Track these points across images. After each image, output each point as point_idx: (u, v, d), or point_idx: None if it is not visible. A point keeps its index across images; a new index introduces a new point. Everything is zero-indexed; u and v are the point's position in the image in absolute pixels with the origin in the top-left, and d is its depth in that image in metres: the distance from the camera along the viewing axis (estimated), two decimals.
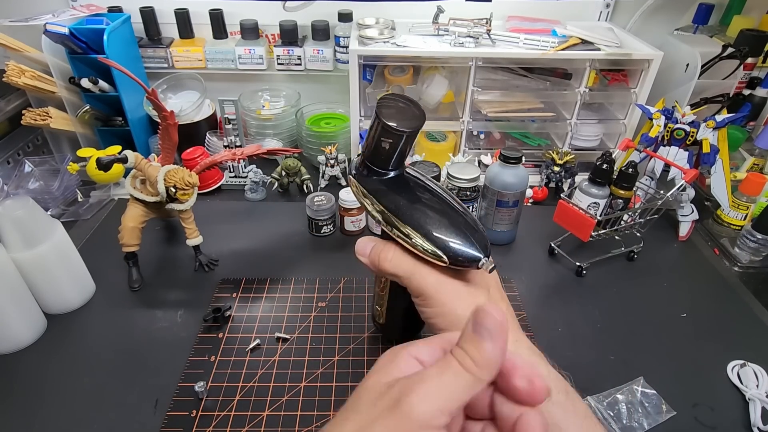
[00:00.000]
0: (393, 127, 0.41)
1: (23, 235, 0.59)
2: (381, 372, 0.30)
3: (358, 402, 0.29)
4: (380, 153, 0.44)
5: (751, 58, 0.91)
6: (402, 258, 0.45)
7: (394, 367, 0.29)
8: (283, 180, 0.91)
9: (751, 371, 0.58)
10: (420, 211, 0.45)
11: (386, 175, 0.46)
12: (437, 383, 0.27)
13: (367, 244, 0.47)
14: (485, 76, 0.90)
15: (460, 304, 0.42)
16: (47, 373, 0.58)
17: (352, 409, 0.28)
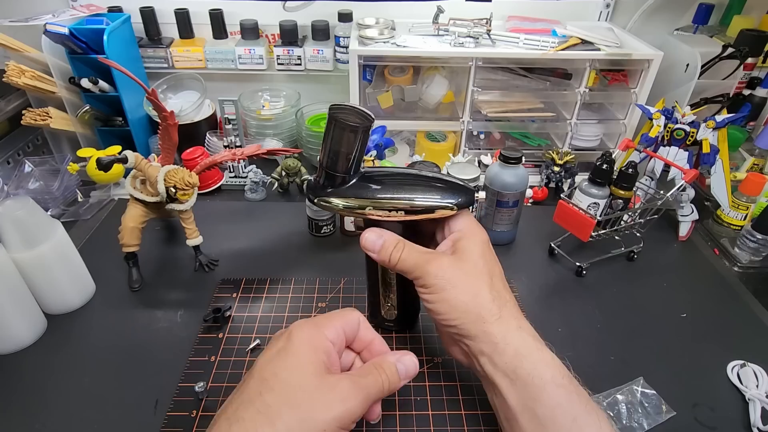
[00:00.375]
0: (349, 124, 0.46)
1: (23, 235, 0.59)
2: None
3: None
4: (340, 156, 0.48)
5: (751, 58, 0.91)
6: (411, 253, 0.49)
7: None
8: (283, 180, 0.91)
9: (751, 371, 0.58)
10: (406, 183, 0.51)
11: (350, 180, 0.50)
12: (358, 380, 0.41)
13: (376, 241, 0.50)
14: (485, 76, 0.90)
15: (463, 292, 0.46)
16: (47, 374, 0.58)
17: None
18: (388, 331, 0.63)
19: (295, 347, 0.39)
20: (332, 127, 0.47)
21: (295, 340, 0.40)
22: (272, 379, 0.37)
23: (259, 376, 0.38)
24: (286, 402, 0.36)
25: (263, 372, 0.38)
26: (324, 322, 0.44)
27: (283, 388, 0.36)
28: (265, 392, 0.36)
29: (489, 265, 0.48)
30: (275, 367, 0.38)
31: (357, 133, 0.47)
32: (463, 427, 0.52)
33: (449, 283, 0.46)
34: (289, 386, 0.37)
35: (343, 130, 0.47)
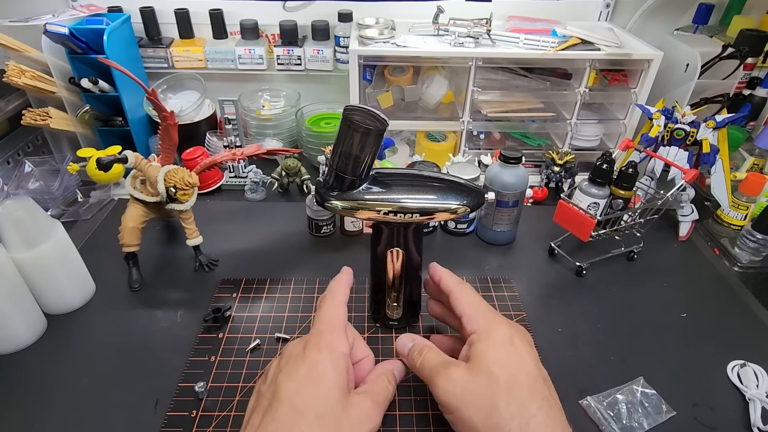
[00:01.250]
0: (363, 126, 0.45)
1: (23, 235, 0.59)
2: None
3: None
4: (351, 159, 0.48)
5: (751, 58, 0.91)
6: (428, 360, 0.47)
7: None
8: (283, 180, 0.91)
9: (751, 371, 0.58)
10: (415, 185, 0.51)
11: (360, 184, 0.50)
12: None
13: (407, 344, 0.51)
14: (485, 76, 0.90)
15: (475, 412, 0.42)
16: (47, 374, 0.58)
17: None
18: (391, 329, 0.63)
19: (320, 374, 0.42)
20: (345, 129, 0.46)
21: (319, 367, 0.42)
22: (305, 410, 0.39)
23: (290, 404, 0.40)
24: (319, 429, 0.39)
25: (294, 400, 0.40)
26: (334, 337, 0.45)
27: (315, 418, 0.39)
28: (301, 422, 0.39)
29: (508, 370, 0.43)
30: (305, 395, 0.40)
31: (370, 135, 0.46)
32: None
33: (462, 402, 0.42)
34: (320, 416, 0.39)
35: (356, 132, 0.46)
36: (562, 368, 0.59)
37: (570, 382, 0.57)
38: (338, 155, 0.48)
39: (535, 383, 0.43)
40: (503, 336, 0.45)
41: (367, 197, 0.50)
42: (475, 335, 0.46)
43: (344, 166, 0.48)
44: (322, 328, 0.46)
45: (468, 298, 0.50)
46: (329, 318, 0.47)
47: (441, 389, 0.43)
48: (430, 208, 0.50)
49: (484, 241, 0.81)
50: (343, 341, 0.45)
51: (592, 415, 0.53)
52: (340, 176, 0.49)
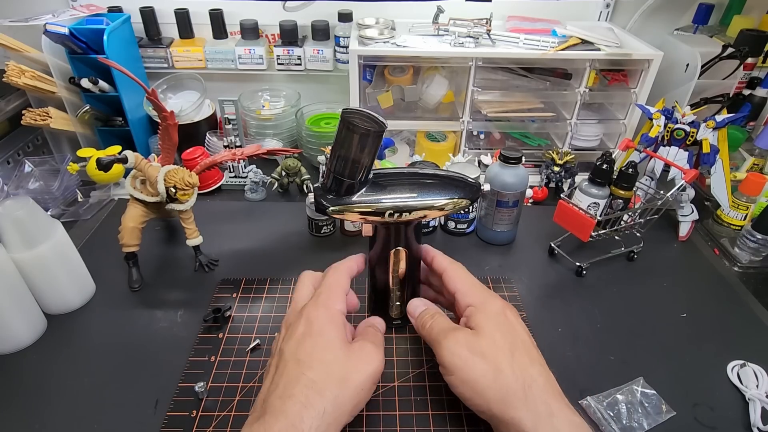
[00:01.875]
0: (361, 127, 0.45)
1: (23, 235, 0.59)
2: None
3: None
4: (348, 162, 0.47)
5: (751, 58, 0.91)
6: (436, 323, 0.49)
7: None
8: (283, 180, 0.91)
9: (751, 371, 0.58)
10: (412, 184, 0.51)
11: (359, 188, 0.50)
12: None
13: (419, 306, 0.53)
14: (485, 76, 0.90)
15: (482, 373, 0.44)
16: (47, 374, 0.58)
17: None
18: (392, 329, 0.63)
19: (317, 329, 0.44)
20: (343, 131, 0.45)
21: (315, 323, 0.45)
22: (309, 360, 0.42)
23: (295, 359, 0.43)
24: (327, 375, 0.41)
25: (297, 355, 0.43)
26: (330, 298, 0.47)
27: (320, 365, 0.42)
28: (307, 371, 0.41)
29: (508, 338, 0.46)
30: (307, 348, 0.43)
31: (368, 138, 0.45)
32: (463, 427, 0.52)
33: (466, 363, 0.44)
34: (325, 362, 0.42)
35: (354, 135, 0.45)
36: (562, 368, 0.59)
37: (570, 382, 0.57)
38: (336, 158, 0.47)
39: (531, 351, 0.46)
40: (498, 308, 0.48)
41: (365, 200, 0.50)
42: (471, 308, 0.48)
43: (342, 169, 0.47)
44: (322, 290, 0.48)
45: (461, 275, 0.52)
46: (330, 282, 0.49)
47: (447, 350, 0.45)
48: (431, 205, 0.51)
49: (484, 241, 0.81)
50: (339, 301, 0.47)
51: (592, 415, 0.53)
52: (338, 179, 0.48)
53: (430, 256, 0.56)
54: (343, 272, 0.51)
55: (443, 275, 0.53)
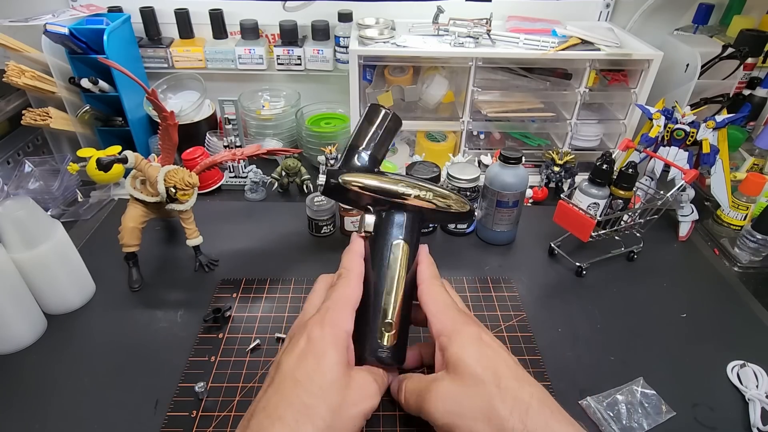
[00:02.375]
0: (384, 107, 0.51)
1: (23, 235, 0.59)
2: None
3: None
4: (366, 134, 0.52)
5: (751, 58, 0.91)
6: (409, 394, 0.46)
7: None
8: (283, 180, 0.91)
9: (750, 371, 0.58)
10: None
11: (369, 162, 0.52)
12: None
13: (394, 385, 0.50)
14: (485, 76, 0.90)
15: (474, 420, 0.40)
16: (47, 374, 0.58)
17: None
18: (376, 361, 0.48)
19: (320, 349, 0.42)
20: (367, 111, 0.52)
21: (318, 343, 0.42)
22: (306, 382, 0.40)
23: (292, 378, 0.40)
24: (322, 401, 0.39)
25: (295, 374, 0.41)
26: (339, 316, 0.44)
27: (317, 390, 0.40)
28: (302, 393, 0.39)
29: (491, 367, 0.42)
30: (306, 369, 0.41)
31: (389, 116, 0.52)
32: None
33: (460, 416, 0.41)
34: (323, 388, 0.40)
35: (377, 110, 0.52)
36: (562, 368, 0.59)
37: (570, 382, 0.57)
38: (354, 135, 0.52)
39: (517, 371, 0.43)
40: (472, 334, 0.44)
41: (381, 173, 0.52)
42: (444, 338, 0.45)
43: (356, 140, 0.52)
44: (330, 305, 0.45)
45: (435, 295, 0.48)
46: (340, 295, 0.46)
47: (435, 410, 0.42)
48: (444, 193, 0.53)
49: (484, 241, 0.81)
50: (347, 320, 0.45)
51: (591, 415, 0.53)
52: (351, 149, 0.51)
53: (418, 260, 0.51)
54: (355, 282, 0.47)
55: (418, 289, 0.49)
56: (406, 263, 0.49)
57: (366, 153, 0.51)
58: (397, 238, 0.49)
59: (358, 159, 0.51)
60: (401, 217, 0.50)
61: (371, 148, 0.52)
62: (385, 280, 0.48)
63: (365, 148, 0.51)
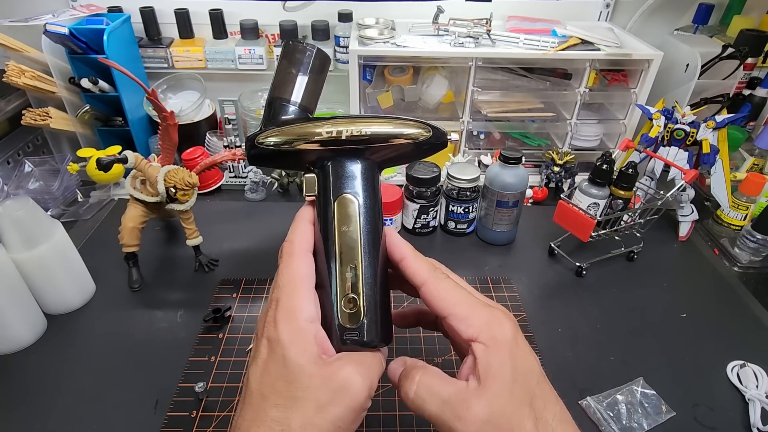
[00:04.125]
0: (303, 43, 0.41)
1: (23, 235, 0.59)
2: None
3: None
4: (289, 80, 0.41)
5: (751, 58, 0.91)
6: (431, 398, 0.36)
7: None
8: (283, 180, 0.91)
9: (750, 372, 0.58)
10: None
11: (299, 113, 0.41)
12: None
13: (396, 369, 0.39)
14: (485, 76, 0.90)
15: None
16: (47, 374, 0.58)
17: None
18: (352, 346, 0.38)
19: (280, 354, 0.35)
20: (283, 51, 0.42)
21: (277, 347, 0.35)
22: (273, 395, 0.35)
23: (259, 393, 0.35)
24: (294, 413, 0.34)
25: (261, 388, 0.35)
26: (293, 303, 0.37)
27: (285, 401, 0.34)
28: (270, 408, 0.34)
29: (526, 384, 0.36)
30: (270, 381, 0.35)
31: (312, 53, 0.41)
32: None
33: (498, 422, 0.34)
34: (291, 398, 0.34)
35: (295, 48, 0.41)
36: (562, 368, 0.59)
37: (570, 382, 0.57)
38: (274, 84, 0.42)
39: (544, 387, 0.37)
40: (509, 336, 0.37)
41: (311, 122, 0.41)
42: (480, 346, 0.36)
43: (281, 90, 0.41)
44: (278, 295, 0.38)
45: (451, 291, 0.39)
46: (286, 279, 0.38)
47: (465, 427, 0.34)
48: (385, 133, 0.40)
49: (484, 241, 0.81)
50: (304, 306, 0.37)
51: (591, 415, 0.53)
52: (276, 102, 0.41)
53: (397, 254, 0.40)
54: (299, 255, 0.39)
55: (422, 289, 0.39)
56: (361, 222, 0.39)
57: (293, 106, 0.41)
58: (342, 192, 0.39)
59: (285, 112, 0.41)
60: (342, 167, 0.40)
61: (300, 98, 0.41)
62: (334, 246, 0.39)
63: (288, 98, 0.41)
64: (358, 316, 0.37)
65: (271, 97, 0.42)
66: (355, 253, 0.38)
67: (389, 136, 0.40)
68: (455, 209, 0.79)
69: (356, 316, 0.37)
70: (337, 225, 0.38)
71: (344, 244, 0.38)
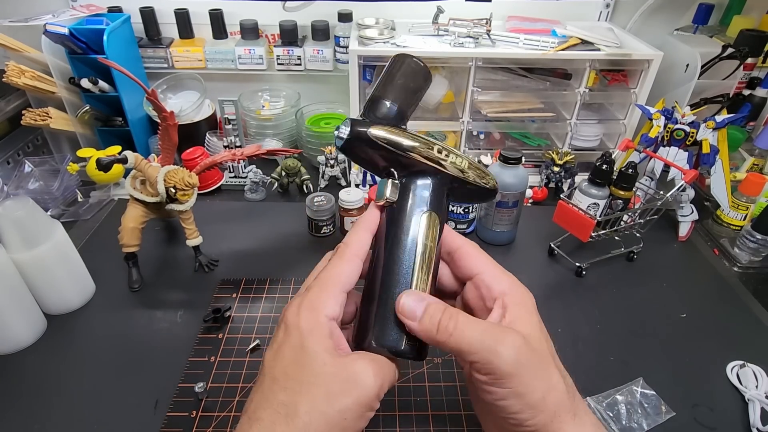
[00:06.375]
0: (416, 58, 0.43)
1: (23, 235, 0.59)
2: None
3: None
4: (395, 85, 0.43)
5: (751, 58, 0.91)
6: (471, 326, 0.36)
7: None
8: (283, 180, 0.91)
9: (750, 372, 0.58)
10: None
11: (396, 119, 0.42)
12: None
13: (415, 306, 0.38)
14: (485, 76, 0.90)
15: (539, 384, 0.36)
16: (47, 374, 0.58)
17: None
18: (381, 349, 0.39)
19: (296, 340, 0.37)
20: (392, 61, 0.43)
21: (294, 332, 0.37)
22: (283, 379, 0.36)
23: (271, 376, 0.37)
24: (301, 398, 0.35)
25: (273, 371, 0.37)
26: (320, 298, 0.38)
27: (295, 385, 0.35)
28: (279, 391, 0.36)
29: (548, 340, 0.39)
30: (283, 364, 0.37)
31: (420, 66, 0.43)
32: (463, 427, 0.52)
33: (526, 371, 0.36)
34: (300, 382, 0.35)
35: (405, 58, 0.43)
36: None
37: None
38: (381, 83, 0.43)
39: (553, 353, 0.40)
40: (532, 300, 0.41)
41: (410, 132, 0.42)
42: (507, 297, 0.39)
43: (384, 92, 0.42)
44: (312, 285, 0.40)
45: (482, 256, 0.42)
46: (324, 275, 0.40)
47: (506, 358, 0.35)
48: (476, 164, 0.43)
49: (484, 241, 0.81)
50: (329, 302, 0.38)
51: None
52: (379, 101, 0.41)
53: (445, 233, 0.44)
54: (349, 259, 0.40)
55: (456, 254, 0.42)
56: (436, 238, 0.41)
57: (394, 105, 0.41)
58: (426, 208, 0.41)
59: (386, 110, 0.41)
60: (430, 185, 0.42)
61: (400, 101, 0.42)
62: (408, 256, 0.40)
63: (393, 100, 0.41)
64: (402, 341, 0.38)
65: (375, 95, 0.42)
66: (428, 266, 0.40)
67: (478, 179, 0.44)
68: (455, 209, 0.79)
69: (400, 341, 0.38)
70: (417, 236, 0.40)
71: (422, 257, 0.40)
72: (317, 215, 0.79)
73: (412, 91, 0.43)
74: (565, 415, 0.36)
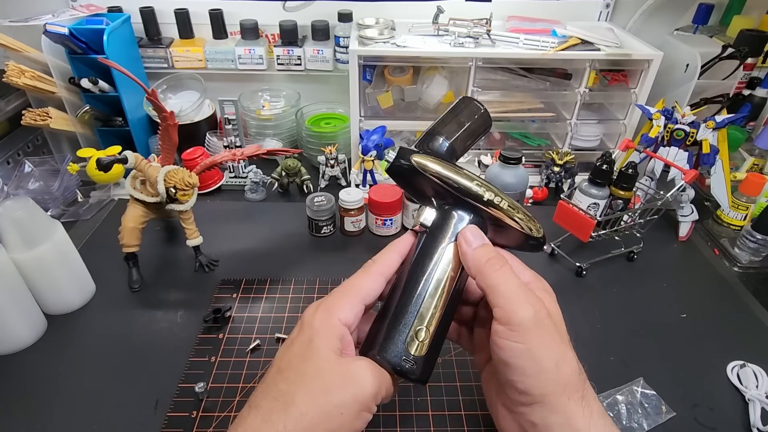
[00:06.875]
0: (479, 103, 0.46)
1: (23, 235, 0.59)
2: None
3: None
4: (453, 122, 0.46)
5: (750, 59, 0.91)
6: (512, 274, 0.40)
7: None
8: (283, 180, 0.91)
9: (750, 372, 0.58)
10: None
11: (449, 155, 0.45)
12: None
13: (478, 237, 0.41)
14: (485, 76, 0.90)
15: (552, 353, 0.37)
16: (47, 374, 0.58)
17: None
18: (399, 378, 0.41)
19: (306, 336, 0.39)
20: (457, 102, 0.47)
21: (307, 329, 0.39)
22: (287, 369, 0.38)
23: (277, 366, 0.39)
24: (300, 388, 0.36)
25: (280, 362, 0.39)
26: (337, 303, 0.41)
27: (296, 376, 0.37)
28: (280, 381, 0.37)
29: (566, 332, 0.41)
30: (289, 356, 0.39)
31: (480, 111, 0.47)
32: (463, 427, 0.52)
33: (542, 333, 0.38)
34: (302, 374, 0.37)
35: (469, 102, 0.47)
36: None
37: None
38: (441, 120, 0.46)
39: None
40: (553, 294, 0.46)
41: (458, 167, 0.44)
42: (532, 284, 0.44)
43: (442, 125, 0.45)
44: (335, 291, 0.42)
45: (509, 284, 0.40)
46: (350, 284, 0.42)
47: (528, 308, 0.38)
48: (519, 207, 0.44)
49: None
50: (345, 309, 0.40)
51: None
52: (434, 136, 0.45)
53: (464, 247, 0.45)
54: (374, 274, 0.43)
55: (480, 275, 0.42)
56: (457, 269, 0.42)
57: (447, 141, 0.44)
58: (454, 241, 0.43)
59: (437, 145, 0.44)
60: (465, 220, 0.43)
61: (453, 139, 0.45)
62: (428, 282, 0.42)
63: (447, 137, 0.45)
64: (420, 349, 0.40)
65: (433, 128, 0.45)
66: (442, 295, 0.41)
67: (518, 223, 0.44)
68: None
69: (420, 347, 0.40)
70: (439, 266, 0.42)
71: (436, 284, 0.41)
72: (317, 215, 0.79)
73: (468, 131, 0.46)
74: (573, 393, 0.37)
